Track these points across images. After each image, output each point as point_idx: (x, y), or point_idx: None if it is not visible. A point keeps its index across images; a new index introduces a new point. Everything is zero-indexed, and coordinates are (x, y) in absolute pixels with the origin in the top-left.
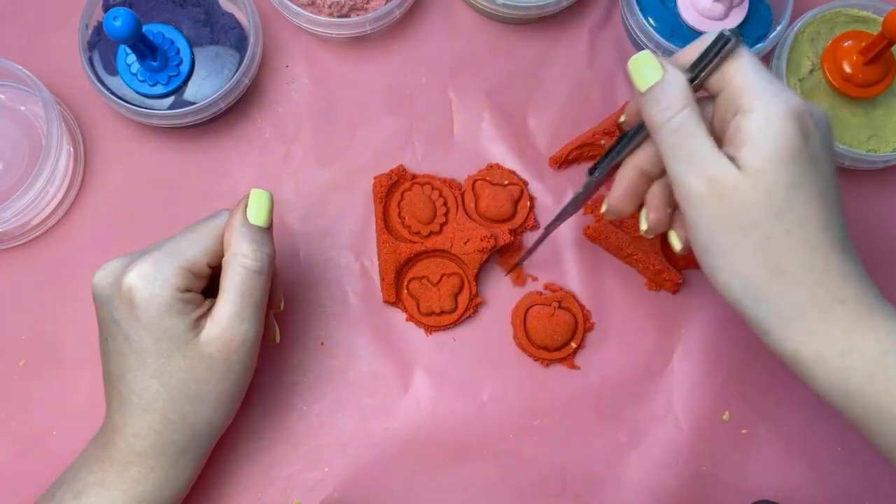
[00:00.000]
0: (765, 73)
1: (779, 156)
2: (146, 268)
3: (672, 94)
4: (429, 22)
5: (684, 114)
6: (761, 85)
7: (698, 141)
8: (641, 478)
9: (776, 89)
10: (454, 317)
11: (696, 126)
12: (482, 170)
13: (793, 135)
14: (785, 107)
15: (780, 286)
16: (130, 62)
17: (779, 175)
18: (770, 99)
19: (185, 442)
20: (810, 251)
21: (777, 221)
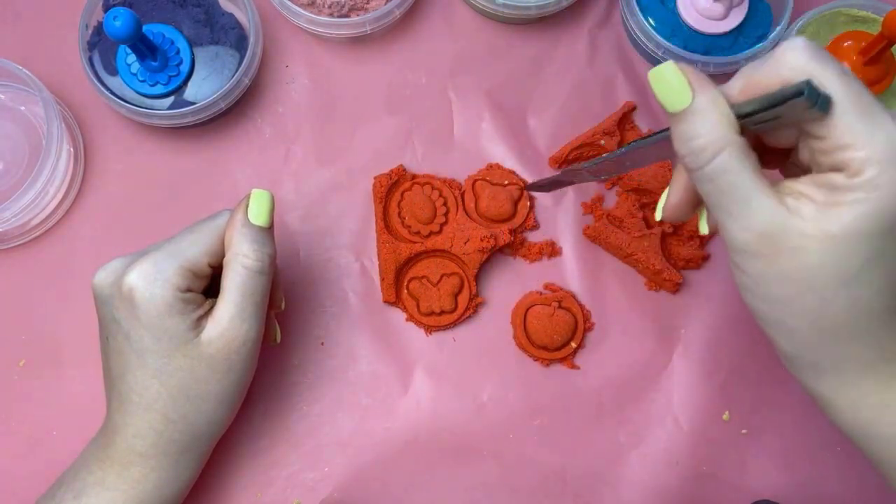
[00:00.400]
0: (887, 131)
1: (871, 229)
2: (147, 268)
3: (705, 132)
4: (429, 22)
5: (721, 159)
6: (882, 148)
7: (744, 190)
8: (641, 478)
9: (890, 149)
10: (454, 317)
11: (739, 173)
12: (482, 170)
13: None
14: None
15: (826, 342)
16: (130, 62)
17: (860, 247)
18: (888, 168)
19: (185, 442)
20: (871, 319)
21: (844, 290)
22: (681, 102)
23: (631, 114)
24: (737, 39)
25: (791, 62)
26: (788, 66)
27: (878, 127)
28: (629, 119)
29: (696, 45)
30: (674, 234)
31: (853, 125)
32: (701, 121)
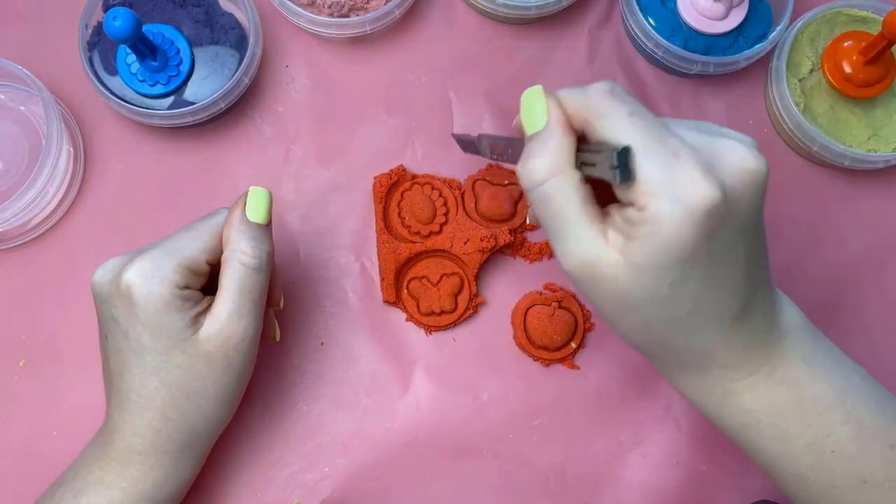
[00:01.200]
0: (670, 165)
1: (666, 261)
2: (145, 265)
3: (543, 156)
4: (429, 22)
5: (551, 185)
6: (660, 182)
7: (569, 219)
8: (641, 478)
9: (679, 188)
10: (454, 317)
11: (566, 202)
12: (482, 170)
13: (687, 239)
14: (682, 211)
15: (662, 351)
16: (130, 62)
17: (661, 275)
18: (666, 202)
19: (184, 440)
20: (691, 333)
21: (660, 310)
22: (535, 125)
23: None
24: (737, 39)
25: (589, 102)
26: (586, 106)
27: (657, 163)
28: None
29: (696, 44)
30: None
31: (637, 163)
32: (542, 145)
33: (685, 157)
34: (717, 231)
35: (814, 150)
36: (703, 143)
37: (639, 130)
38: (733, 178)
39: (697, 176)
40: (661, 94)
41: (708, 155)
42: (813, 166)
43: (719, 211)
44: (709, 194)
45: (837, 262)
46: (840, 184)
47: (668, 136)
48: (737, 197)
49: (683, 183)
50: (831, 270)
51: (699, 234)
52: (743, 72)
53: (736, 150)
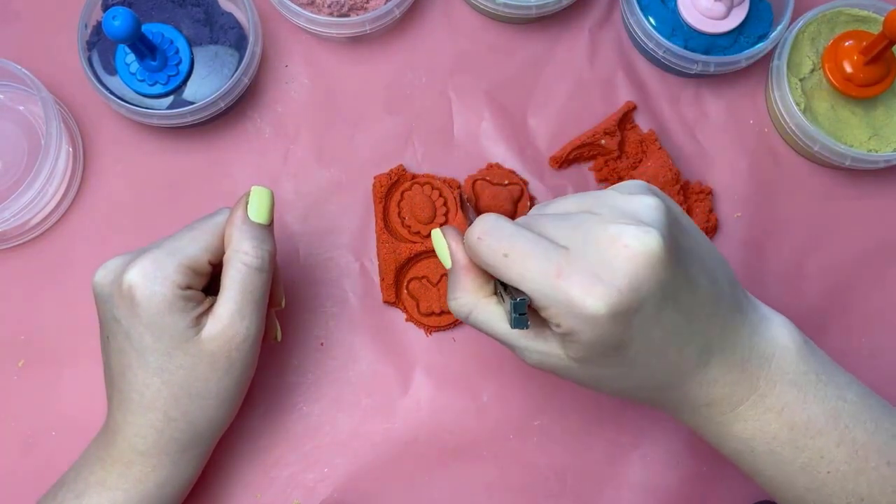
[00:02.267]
0: (559, 289)
1: (600, 353)
2: (147, 265)
3: (456, 294)
4: (428, 22)
5: (475, 317)
6: (557, 308)
7: (507, 336)
8: (641, 478)
9: (574, 306)
10: (454, 317)
11: (496, 326)
12: (482, 170)
13: (605, 337)
14: (586, 323)
15: (647, 402)
16: (130, 62)
17: (607, 362)
18: (569, 319)
19: (186, 440)
20: (665, 390)
21: (618, 382)
22: (447, 265)
23: (631, 113)
24: (737, 39)
25: (471, 252)
26: (473, 255)
27: (548, 294)
28: (629, 119)
29: (697, 44)
30: None
31: (544, 298)
32: (454, 285)
33: (567, 276)
34: (633, 316)
35: (814, 149)
36: (586, 242)
37: (515, 270)
38: (625, 269)
39: (585, 290)
40: (661, 93)
41: (592, 254)
42: (814, 166)
43: (622, 307)
44: (601, 303)
45: (838, 262)
46: (840, 184)
47: (549, 255)
48: (637, 283)
49: (576, 300)
50: (832, 270)
51: (613, 331)
52: (743, 71)
53: (618, 240)
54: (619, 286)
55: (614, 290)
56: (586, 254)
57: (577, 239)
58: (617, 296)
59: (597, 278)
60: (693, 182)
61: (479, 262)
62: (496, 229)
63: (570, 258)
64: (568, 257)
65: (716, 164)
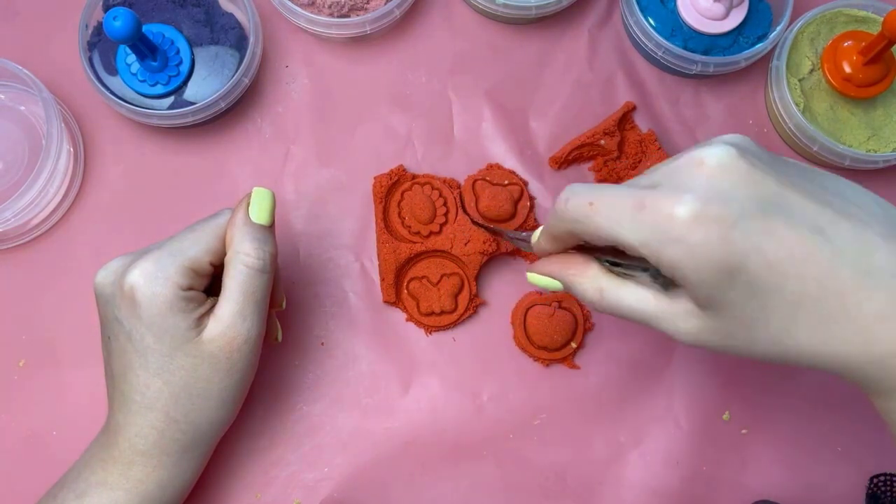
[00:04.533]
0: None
1: (715, 295)
2: (148, 266)
3: (586, 296)
4: (429, 22)
5: (603, 305)
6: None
7: (639, 311)
8: (641, 478)
9: (658, 228)
10: (454, 317)
11: (622, 304)
12: (482, 170)
13: (709, 265)
14: (675, 247)
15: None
16: (130, 62)
17: (734, 308)
18: (662, 246)
19: (187, 440)
20: (822, 343)
21: (763, 337)
22: (557, 288)
23: (631, 114)
24: (737, 39)
25: (566, 225)
26: (567, 230)
27: (646, 220)
28: (629, 119)
29: (696, 44)
30: None
31: (634, 235)
32: (578, 292)
33: (650, 203)
34: (732, 229)
35: (814, 150)
36: (666, 176)
37: (602, 214)
38: (704, 180)
39: (669, 205)
40: (661, 94)
41: (673, 181)
42: (813, 166)
43: (711, 212)
44: (686, 208)
45: None
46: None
47: (631, 193)
48: (721, 190)
49: (662, 219)
50: None
51: (715, 247)
52: (743, 72)
53: (694, 160)
54: (702, 194)
55: (698, 197)
56: (664, 183)
57: (657, 176)
58: (702, 201)
59: (679, 193)
60: None
61: (568, 221)
62: (580, 188)
63: (651, 190)
64: (650, 190)
65: None
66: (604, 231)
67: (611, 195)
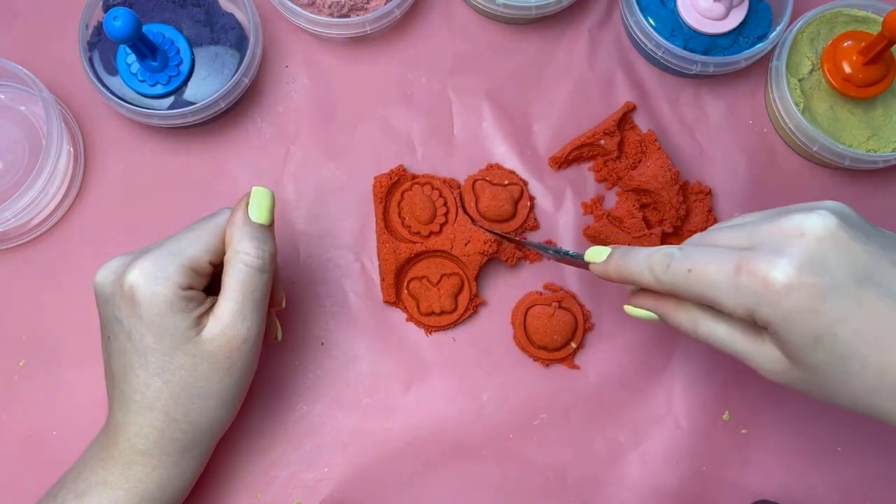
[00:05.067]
0: (744, 287)
1: (802, 352)
2: (148, 266)
3: (674, 316)
4: (429, 22)
5: (699, 335)
6: (756, 306)
7: (729, 348)
8: (641, 478)
9: (754, 290)
10: (454, 317)
11: (717, 340)
12: (482, 170)
13: (799, 328)
14: (770, 308)
15: None
16: (130, 62)
17: (818, 365)
18: (756, 307)
19: (187, 440)
20: None
21: (840, 391)
22: (652, 318)
23: (631, 114)
24: (737, 39)
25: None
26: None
27: (742, 283)
28: (629, 119)
29: (696, 45)
30: (673, 234)
31: (731, 296)
32: (673, 324)
33: (747, 266)
34: (825, 299)
35: (813, 150)
36: (764, 236)
37: (699, 280)
38: (803, 247)
39: (766, 268)
40: (661, 94)
41: (771, 242)
42: (813, 166)
43: (806, 281)
44: (783, 273)
45: None
46: (840, 184)
47: (728, 256)
48: (819, 259)
49: (758, 282)
50: None
51: (808, 314)
52: (743, 72)
53: (794, 225)
54: (800, 262)
55: (794, 265)
56: (763, 245)
57: (755, 237)
58: (798, 269)
59: (776, 259)
60: (692, 182)
61: (667, 284)
62: (677, 253)
63: (748, 253)
64: (745, 253)
65: (715, 164)
66: (702, 296)
67: (709, 262)
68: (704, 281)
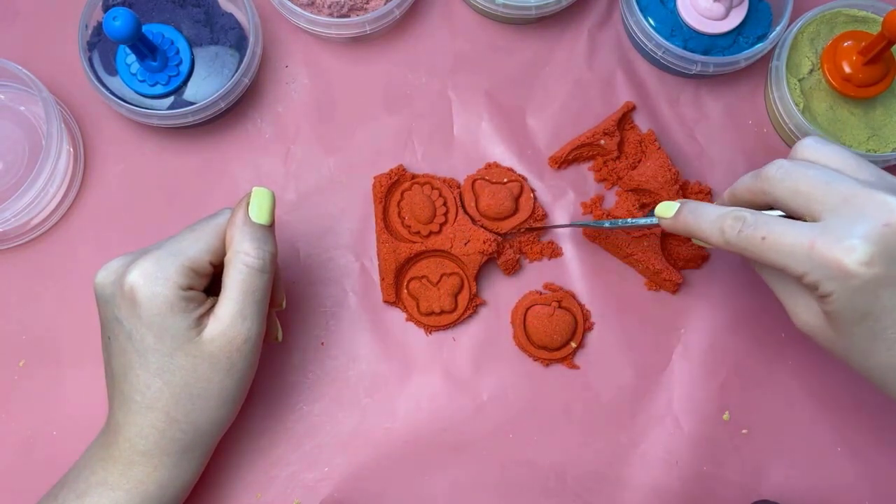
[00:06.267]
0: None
1: (844, 322)
2: (148, 266)
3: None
4: (428, 22)
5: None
6: (818, 274)
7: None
8: (641, 478)
9: (825, 268)
10: (454, 317)
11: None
12: (480, 170)
13: (851, 305)
14: (833, 284)
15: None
16: (130, 62)
17: (853, 334)
18: (821, 280)
19: (187, 440)
20: None
21: (861, 359)
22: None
23: (630, 114)
24: (736, 39)
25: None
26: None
27: (815, 258)
28: (629, 119)
29: (696, 45)
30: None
31: (801, 266)
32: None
33: (822, 244)
34: (883, 287)
35: None
36: (845, 204)
37: (773, 250)
38: (882, 238)
39: (840, 253)
40: (661, 94)
41: (850, 217)
42: None
43: (871, 271)
44: (853, 263)
45: None
46: None
47: (803, 231)
48: (891, 254)
49: (831, 262)
50: None
51: (863, 296)
52: (743, 72)
53: (882, 209)
54: (875, 250)
55: (870, 252)
56: (844, 221)
57: (840, 207)
58: (871, 256)
59: (852, 242)
60: (692, 182)
61: (735, 247)
62: (750, 217)
63: (827, 229)
64: (823, 229)
65: (715, 164)
66: (773, 262)
67: (784, 232)
68: (778, 250)
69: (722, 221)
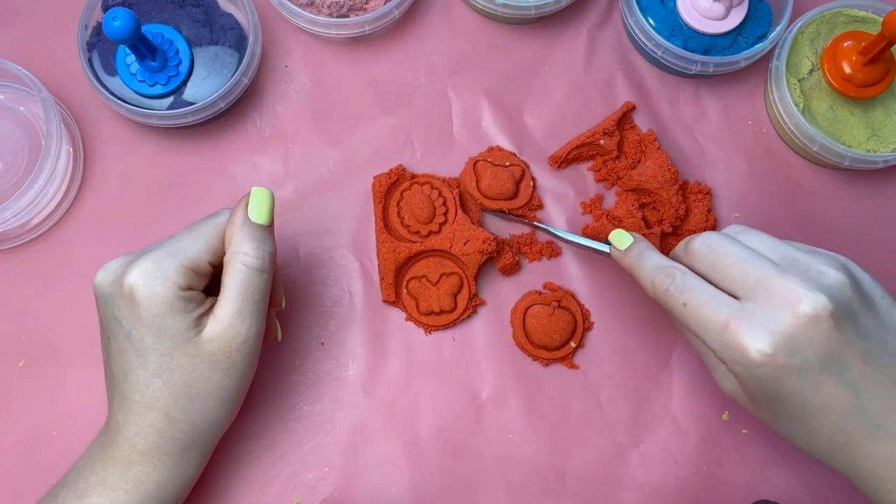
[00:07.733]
0: (726, 338)
1: (755, 399)
2: (147, 266)
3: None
4: (428, 22)
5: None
6: (723, 355)
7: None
8: (641, 478)
9: (737, 354)
10: (453, 316)
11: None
12: (483, 152)
13: (758, 388)
14: (740, 368)
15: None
16: (130, 62)
17: (767, 409)
18: (729, 361)
19: (187, 440)
20: (825, 455)
21: (778, 429)
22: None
23: (630, 113)
24: (736, 39)
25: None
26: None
27: (726, 340)
28: (629, 119)
29: (696, 45)
30: (673, 233)
31: (713, 343)
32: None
33: (734, 328)
34: (788, 376)
35: (813, 150)
36: (761, 294)
37: (692, 317)
38: (787, 329)
39: (746, 341)
40: (661, 94)
41: (763, 306)
42: (813, 166)
43: (775, 362)
44: (757, 355)
45: None
46: (839, 184)
47: (721, 308)
48: (795, 345)
49: (737, 348)
50: None
51: (767, 383)
52: (743, 72)
53: (790, 300)
54: (779, 341)
55: (773, 343)
56: (757, 306)
57: (755, 289)
58: (774, 347)
59: (760, 331)
60: (692, 182)
61: (660, 301)
62: (678, 281)
63: (741, 311)
64: (738, 310)
65: (715, 164)
66: (691, 329)
67: (704, 305)
68: (696, 320)
69: (654, 274)
